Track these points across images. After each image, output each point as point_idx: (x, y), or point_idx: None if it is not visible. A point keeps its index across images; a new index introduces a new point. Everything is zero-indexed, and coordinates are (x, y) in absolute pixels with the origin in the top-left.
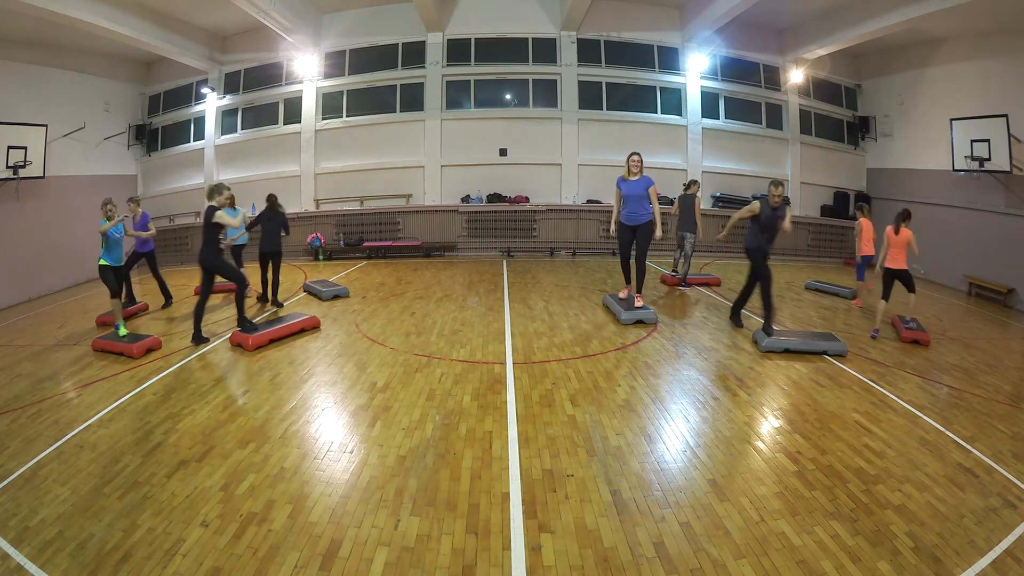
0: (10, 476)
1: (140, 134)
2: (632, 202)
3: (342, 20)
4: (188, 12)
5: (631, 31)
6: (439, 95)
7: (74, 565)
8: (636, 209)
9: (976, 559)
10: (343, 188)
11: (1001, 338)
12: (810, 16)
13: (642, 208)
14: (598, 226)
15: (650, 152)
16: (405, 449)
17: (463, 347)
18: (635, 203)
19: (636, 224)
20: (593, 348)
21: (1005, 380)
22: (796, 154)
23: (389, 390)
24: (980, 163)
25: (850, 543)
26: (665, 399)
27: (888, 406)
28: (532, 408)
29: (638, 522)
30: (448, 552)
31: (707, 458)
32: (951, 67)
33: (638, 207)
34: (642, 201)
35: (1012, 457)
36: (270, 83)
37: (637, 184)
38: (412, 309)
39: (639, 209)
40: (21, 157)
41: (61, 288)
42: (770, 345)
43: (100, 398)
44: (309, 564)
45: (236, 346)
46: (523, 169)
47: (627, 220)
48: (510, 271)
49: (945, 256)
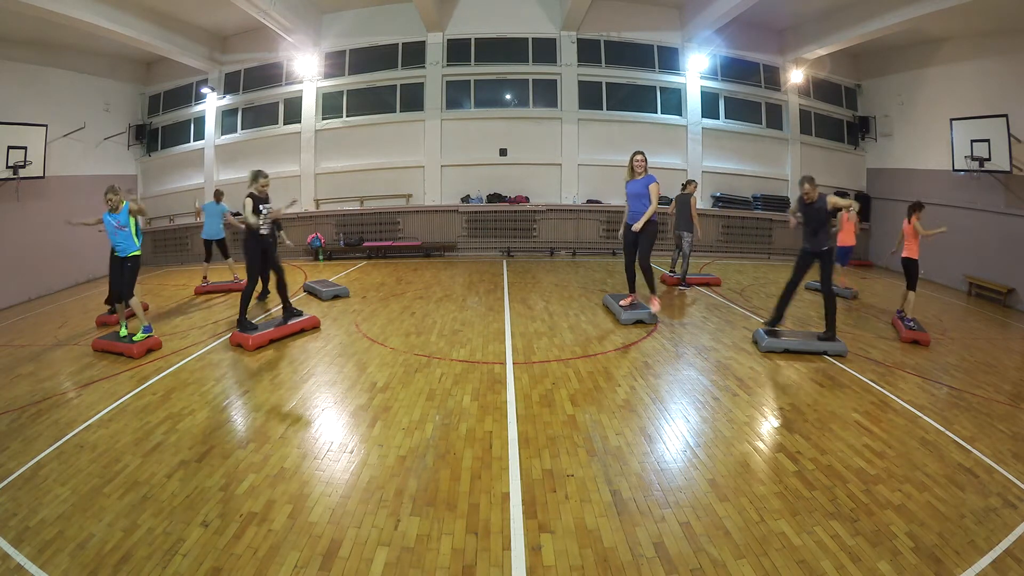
0: (10, 476)
1: (140, 134)
2: (633, 201)
3: (342, 20)
4: (188, 12)
5: (631, 31)
6: (439, 95)
7: (74, 565)
8: (637, 208)
9: (976, 559)
10: (343, 188)
11: (1001, 338)
12: (810, 16)
13: (642, 207)
14: (598, 226)
15: (650, 152)
16: (405, 449)
17: (463, 347)
18: (635, 202)
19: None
20: (593, 348)
21: (1005, 380)
22: (796, 154)
23: (389, 390)
24: (980, 163)
25: (850, 543)
26: (665, 399)
27: (888, 406)
28: (532, 408)
29: (638, 522)
30: (448, 552)
31: (707, 458)
32: (951, 67)
33: (638, 206)
34: (642, 200)
35: (1012, 457)
36: (270, 83)
37: (639, 183)
38: (412, 309)
39: (640, 208)
40: (21, 157)
41: (61, 288)
42: (770, 345)
43: (100, 398)
44: (309, 564)
45: (236, 346)
46: (523, 169)
47: (629, 220)
48: (510, 271)
49: (945, 256)
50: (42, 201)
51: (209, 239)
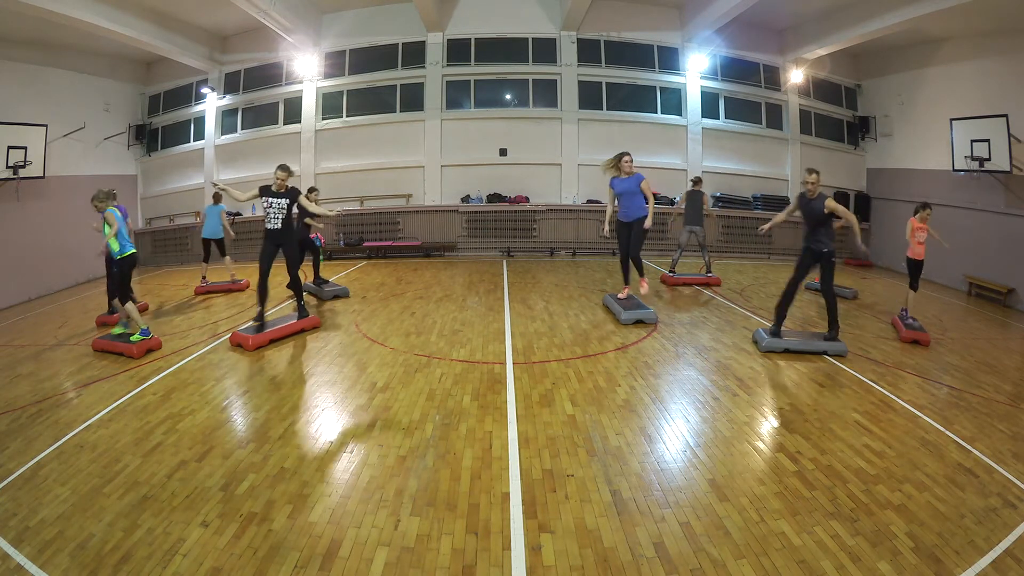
0: (10, 476)
1: (140, 134)
2: (626, 199)
3: (342, 20)
4: (188, 12)
5: (631, 31)
6: (439, 95)
7: (74, 565)
8: (630, 205)
9: (976, 559)
10: (343, 188)
11: (1001, 338)
12: (810, 16)
13: (635, 203)
14: (598, 226)
15: (650, 152)
16: (405, 449)
17: (463, 347)
18: (628, 199)
19: (630, 220)
20: (593, 348)
21: (1005, 380)
22: (796, 154)
23: (389, 390)
24: (980, 163)
25: (850, 543)
26: (665, 399)
27: (888, 406)
28: (532, 408)
29: (638, 522)
30: (448, 552)
31: (707, 458)
32: (951, 67)
33: (631, 203)
34: (634, 197)
35: (1012, 457)
36: (270, 83)
37: (629, 181)
38: (412, 309)
39: (632, 204)
40: (21, 157)
41: (61, 288)
42: (770, 345)
43: (100, 398)
44: (309, 564)
45: (236, 346)
46: (523, 169)
47: (622, 217)
48: (510, 271)
49: (945, 256)
50: (42, 201)
51: (208, 238)
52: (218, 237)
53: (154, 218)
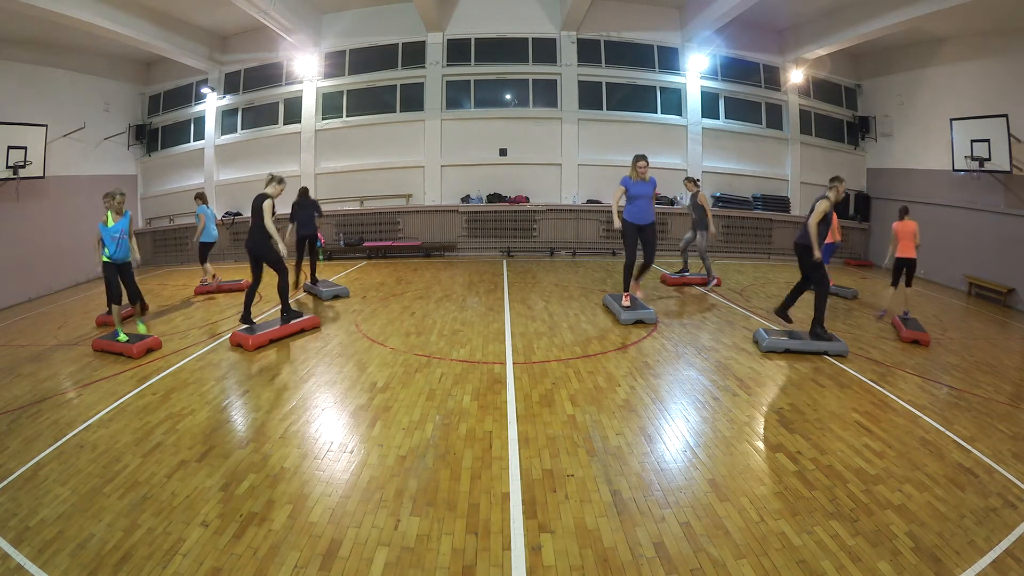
0: (10, 476)
1: (140, 134)
2: (642, 202)
3: (342, 20)
4: (188, 12)
5: (631, 31)
6: (439, 95)
7: (74, 565)
8: (645, 208)
9: (976, 559)
10: (343, 188)
11: (1001, 338)
12: (810, 16)
13: (650, 208)
14: (598, 226)
15: (650, 152)
16: (405, 449)
17: (463, 347)
18: (645, 203)
19: (644, 223)
20: (593, 348)
21: (1005, 380)
22: (796, 154)
23: (389, 390)
24: (980, 163)
25: (850, 543)
26: (665, 399)
27: (888, 406)
28: (532, 408)
29: (638, 522)
30: (448, 552)
31: (707, 458)
32: (951, 67)
33: (647, 207)
34: (650, 202)
35: (1012, 457)
36: (270, 83)
37: (647, 186)
38: (412, 309)
39: (647, 209)
40: (21, 157)
41: (61, 288)
42: (770, 345)
43: (100, 398)
44: (309, 564)
45: (236, 346)
46: (523, 169)
47: (636, 219)
48: (510, 271)
49: (945, 256)
50: (42, 201)
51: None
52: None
53: (154, 218)
